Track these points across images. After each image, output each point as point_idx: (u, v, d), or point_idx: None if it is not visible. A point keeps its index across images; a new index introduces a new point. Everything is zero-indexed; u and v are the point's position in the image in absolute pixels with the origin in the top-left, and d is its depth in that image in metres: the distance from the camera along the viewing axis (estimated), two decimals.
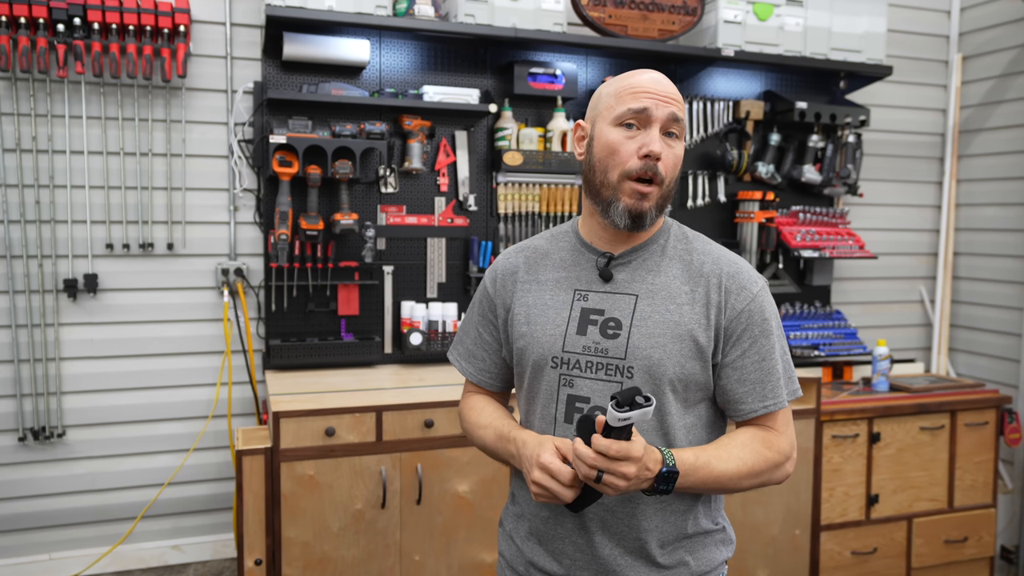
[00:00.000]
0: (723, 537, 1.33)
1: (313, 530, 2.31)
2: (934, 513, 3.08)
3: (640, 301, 1.24)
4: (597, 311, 1.26)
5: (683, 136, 1.24)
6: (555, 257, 1.34)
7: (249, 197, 2.87)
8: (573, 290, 1.29)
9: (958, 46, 3.76)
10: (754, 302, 1.24)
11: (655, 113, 1.20)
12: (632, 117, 1.21)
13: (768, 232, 3.28)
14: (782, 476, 1.26)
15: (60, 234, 2.70)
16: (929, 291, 3.86)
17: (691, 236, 1.31)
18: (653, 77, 1.24)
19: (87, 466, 2.79)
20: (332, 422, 2.31)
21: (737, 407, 1.25)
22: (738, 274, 1.25)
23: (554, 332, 1.27)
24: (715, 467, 1.19)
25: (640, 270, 1.27)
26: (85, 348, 2.76)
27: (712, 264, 1.26)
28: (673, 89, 1.24)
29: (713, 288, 1.24)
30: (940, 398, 3.10)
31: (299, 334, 2.86)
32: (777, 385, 1.24)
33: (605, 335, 1.24)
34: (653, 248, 1.28)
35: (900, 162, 3.75)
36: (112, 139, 2.72)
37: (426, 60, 2.96)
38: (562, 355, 1.26)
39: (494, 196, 3.03)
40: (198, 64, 2.79)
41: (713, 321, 1.23)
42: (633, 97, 1.21)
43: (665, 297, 1.24)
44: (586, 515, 1.24)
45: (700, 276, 1.25)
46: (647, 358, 1.21)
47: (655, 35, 3.03)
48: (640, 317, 1.23)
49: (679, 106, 1.23)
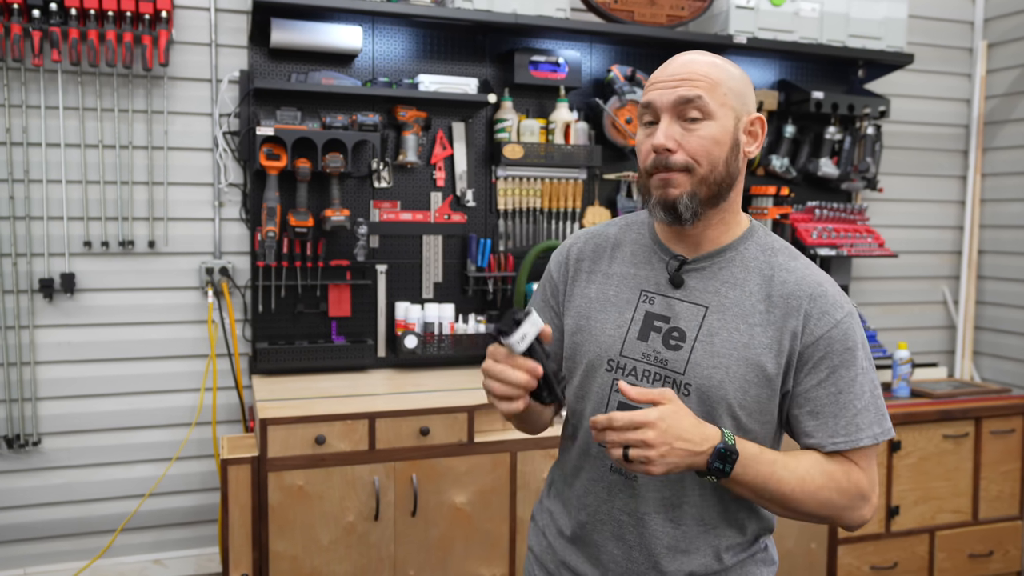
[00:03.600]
0: (765, 558, 1.31)
1: (302, 543, 2.31)
2: (958, 526, 3.08)
3: (710, 314, 1.21)
4: (662, 317, 1.23)
5: (714, 114, 1.18)
6: (626, 250, 1.31)
7: (235, 192, 2.87)
8: (640, 290, 1.27)
9: (983, 33, 3.76)
10: (837, 328, 1.18)
11: (659, 103, 1.20)
12: (646, 115, 1.22)
13: (783, 229, 3.28)
14: (857, 519, 1.21)
15: (35, 231, 2.70)
16: (952, 291, 3.86)
17: (777, 248, 1.26)
18: (672, 62, 1.23)
19: (64, 476, 2.79)
20: (322, 429, 2.31)
21: (806, 440, 1.21)
22: (822, 296, 1.20)
23: (614, 333, 1.26)
24: (779, 469, 1.15)
25: (714, 280, 1.23)
26: (62, 351, 2.76)
27: (794, 284, 1.21)
28: (693, 66, 1.20)
29: (792, 311, 1.19)
30: (964, 404, 3.09)
31: (287, 337, 2.86)
32: (852, 422, 1.18)
33: (667, 345, 1.22)
34: (731, 256, 1.24)
35: (922, 155, 3.75)
36: (90, 131, 2.72)
37: (422, 48, 2.96)
38: (619, 359, 1.24)
39: (493, 191, 3.03)
40: (181, 52, 2.79)
41: (787, 347, 1.18)
42: (646, 92, 1.24)
43: (737, 314, 1.20)
44: (624, 528, 1.26)
45: (780, 296, 1.20)
46: (708, 378, 1.18)
47: (663, 21, 3.03)
48: (707, 332, 1.20)
49: (695, 83, 1.18)
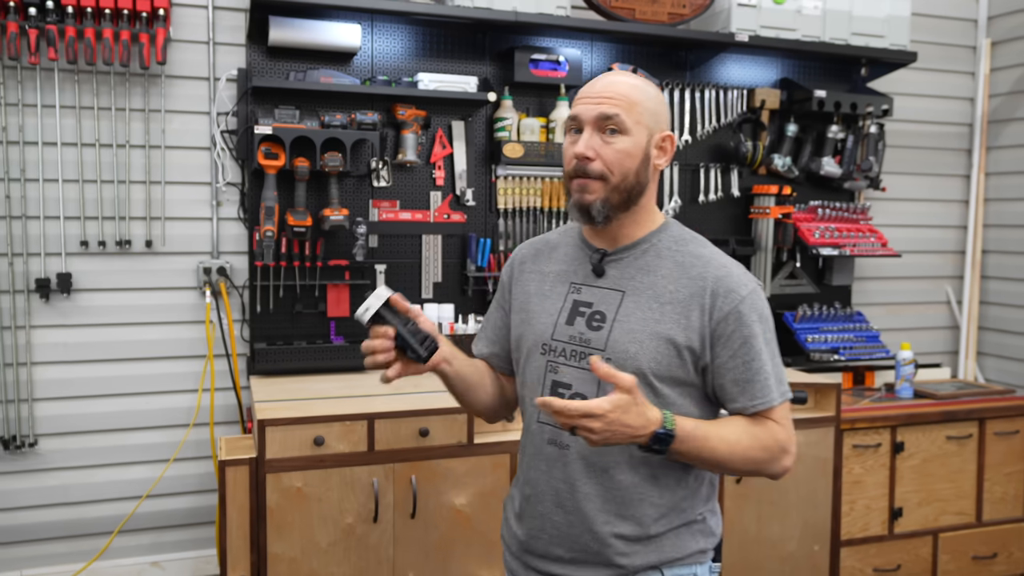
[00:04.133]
0: (702, 528, 1.43)
1: (301, 546, 2.31)
2: (961, 528, 3.08)
3: (626, 298, 1.39)
4: (586, 304, 1.42)
5: (629, 130, 1.35)
6: (561, 251, 1.50)
7: (233, 191, 2.87)
8: (569, 283, 1.46)
9: (987, 30, 3.76)
10: (743, 304, 1.35)
11: (584, 116, 1.37)
12: (571, 125, 1.40)
13: (785, 228, 3.28)
14: (780, 469, 1.37)
15: (32, 231, 2.70)
16: (956, 291, 3.85)
17: (688, 238, 1.44)
18: (601, 83, 1.39)
19: (60, 477, 2.79)
20: (321, 431, 2.31)
21: (732, 405, 1.38)
22: (727, 276, 1.36)
23: (547, 320, 1.44)
24: (712, 440, 1.31)
25: (631, 268, 1.41)
26: (58, 352, 2.75)
27: (702, 266, 1.38)
28: (614, 89, 1.37)
29: (700, 291, 1.36)
30: (968, 405, 3.10)
31: (286, 337, 2.86)
32: (766, 385, 1.35)
33: (590, 327, 1.39)
34: (646, 247, 1.42)
35: (925, 154, 3.75)
36: (87, 130, 2.72)
37: (421, 46, 2.96)
38: (550, 342, 1.42)
39: (493, 190, 3.03)
40: (178, 50, 2.79)
41: (696, 323, 1.35)
42: (573, 107, 1.40)
43: (650, 296, 1.37)
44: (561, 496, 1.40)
45: (689, 278, 1.37)
46: (623, 351, 1.35)
47: (664, 19, 3.03)
48: (624, 312, 1.38)
49: (615, 102, 1.35)
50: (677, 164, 3.24)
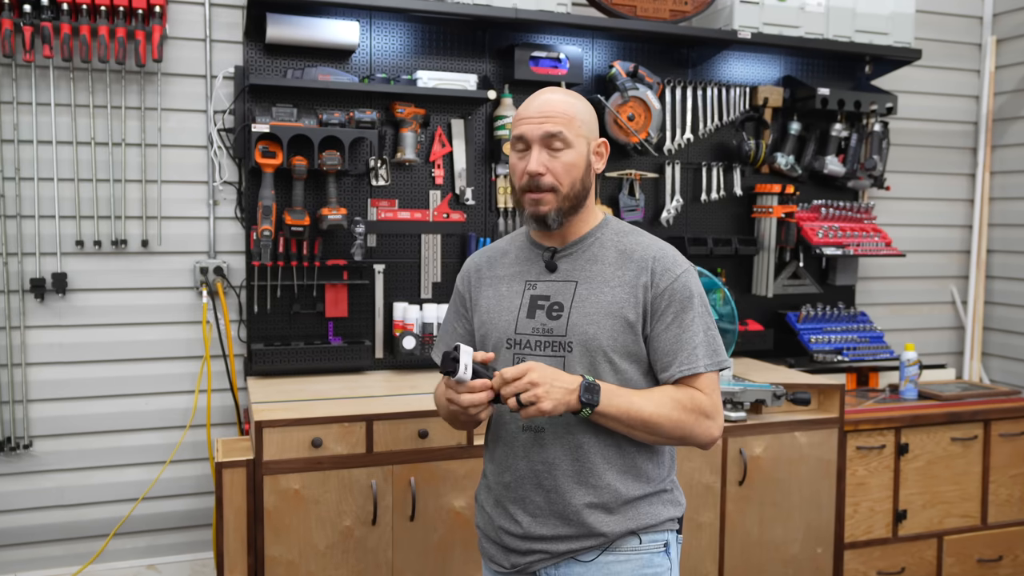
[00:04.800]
0: (671, 499, 1.59)
1: (298, 548, 2.31)
2: (966, 530, 3.08)
3: (579, 286, 1.55)
4: (544, 297, 1.58)
5: (571, 143, 1.52)
6: (512, 255, 1.67)
7: (230, 190, 2.87)
8: (524, 281, 1.61)
9: (992, 28, 3.76)
10: (677, 281, 1.52)
11: (530, 136, 1.53)
12: (518, 144, 1.55)
13: (788, 228, 3.28)
14: (706, 434, 1.51)
15: (26, 230, 2.70)
16: (961, 291, 3.85)
17: (627, 230, 1.62)
18: (539, 101, 1.55)
19: (56, 479, 2.79)
20: (319, 432, 2.31)
21: (663, 374, 1.54)
22: (663, 257, 1.55)
23: (508, 318, 1.59)
24: (635, 399, 1.46)
25: (580, 260, 1.58)
26: (53, 353, 2.75)
27: (642, 250, 1.56)
28: (554, 105, 1.53)
29: (642, 270, 1.53)
30: (973, 406, 3.09)
31: (283, 338, 2.86)
32: (694, 353, 1.51)
33: (550, 317, 1.55)
34: (591, 241, 1.59)
35: (930, 153, 3.75)
36: (82, 128, 2.72)
37: (420, 43, 2.96)
38: (515, 336, 1.57)
39: (493, 189, 3.03)
40: (175, 47, 2.79)
41: (641, 298, 1.52)
42: (516, 126, 1.56)
43: (600, 281, 1.54)
44: (540, 476, 1.54)
45: (631, 261, 1.55)
46: (584, 333, 1.52)
47: (666, 16, 3.03)
48: (579, 299, 1.54)
49: (556, 120, 1.51)
50: (679, 163, 3.24)
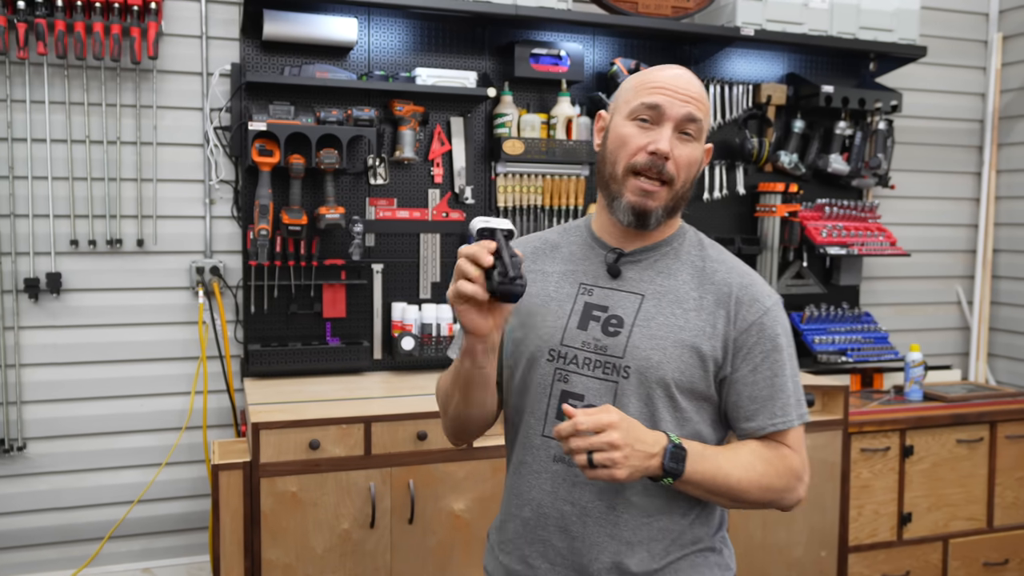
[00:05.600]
0: (719, 561, 1.35)
1: (296, 552, 2.31)
2: (972, 533, 3.08)
3: (646, 301, 1.31)
4: (600, 307, 1.32)
5: (701, 137, 1.31)
6: (564, 250, 1.41)
7: (226, 189, 2.87)
8: (578, 283, 1.35)
9: (998, 24, 3.76)
10: (767, 315, 1.30)
11: (669, 111, 1.27)
12: (645, 112, 1.28)
13: (791, 227, 3.28)
14: (794, 499, 1.31)
15: (20, 229, 2.70)
16: (966, 291, 3.85)
17: (707, 244, 1.39)
18: (675, 73, 1.31)
19: (50, 482, 2.79)
20: (316, 434, 2.31)
21: (746, 424, 1.31)
22: (751, 286, 1.32)
23: (554, 324, 1.33)
24: (723, 463, 1.23)
25: (650, 270, 1.33)
26: (48, 353, 2.75)
27: (725, 273, 1.33)
28: (695, 88, 1.30)
29: (724, 297, 1.30)
30: (978, 408, 3.09)
31: (280, 338, 2.86)
32: (788, 403, 1.30)
33: (606, 332, 1.30)
34: (666, 250, 1.35)
35: (935, 151, 3.75)
36: (77, 126, 2.72)
37: (419, 40, 2.96)
38: (560, 348, 1.32)
39: (493, 188, 3.03)
40: (171, 44, 2.79)
41: (721, 331, 1.29)
42: (649, 92, 1.29)
43: (672, 301, 1.30)
44: (567, 519, 1.29)
45: (711, 284, 1.31)
46: (646, 360, 1.27)
47: (668, 13, 3.03)
48: (644, 317, 1.29)
49: (699, 106, 1.29)
50: None
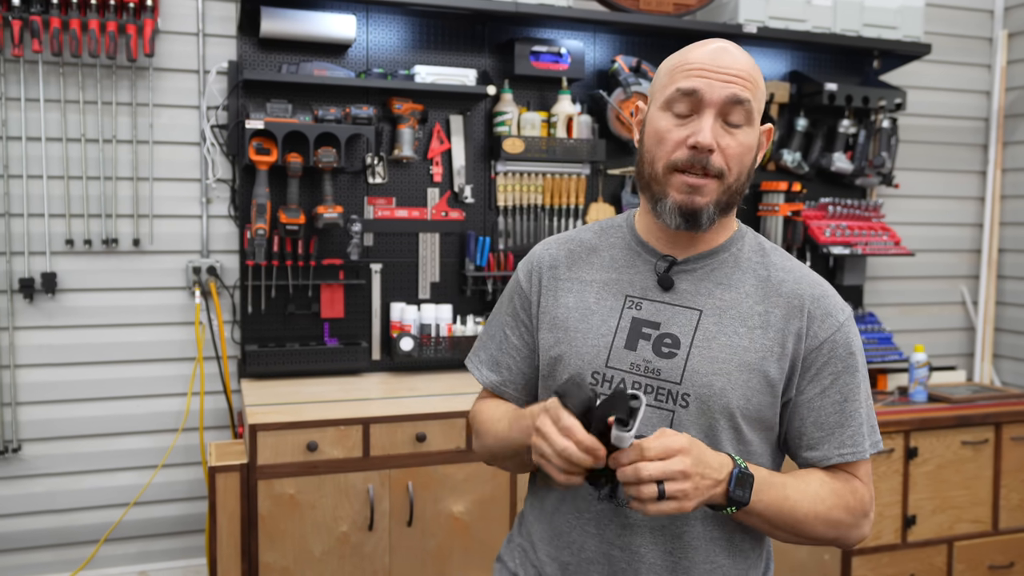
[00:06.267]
0: None
1: (293, 554, 2.31)
2: (977, 536, 3.08)
3: (704, 318, 1.16)
4: (651, 324, 1.17)
5: (753, 120, 1.14)
6: (604, 255, 1.25)
7: (223, 188, 2.87)
8: (624, 296, 1.20)
9: (1003, 21, 3.76)
10: (840, 332, 1.17)
11: (708, 95, 1.12)
12: (681, 99, 1.13)
13: (794, 227, 3.28)
14: (858, 538, 1.19)
15: (15, 229, 2.70)
16: (971, 291, 3.85)
17: (768, 248, 1.24)
18: (714, 48, 1.15)
19: (45, 484, 2.79)
20: (314, 436, 2.31)
21: (809, 453, 1.18)
22: (824, 297, 1.18)
23: (598, 343, 1.18)
24: (790, 493, 1.11)
25: (707, 281, 1.19)
26: (43, 354, 2.75)
27: (793, 283, 1.18)
28: (741, 63, 1.14)
29: (794, 312, 1.16)
30: (984, 409, 3.09)
31: (278, 339, 2.86)
32: (859, 432, 1.17)
33: (659, 353, 1.15)
34: (724, 257, 1.20)
35: (939, 149, 3.74)
36: (72, 124, 2.72)
37: (418, 37, 2.96)
38: (605, 371, 1.17)
39: (493, 187, 3.03)
40: (167, 42, 2.79)
41: (791, 350, 1.15)
42: (685, 76, 1.14)
43: (735, 317, 1.16)
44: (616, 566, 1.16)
45: (779, 296, 1.17)
46: (707, 386, 1.13)
47: (670, 10, 3.03)
48: (703, 337, 1.15)
49: (745, 84, 1.13)
50: None
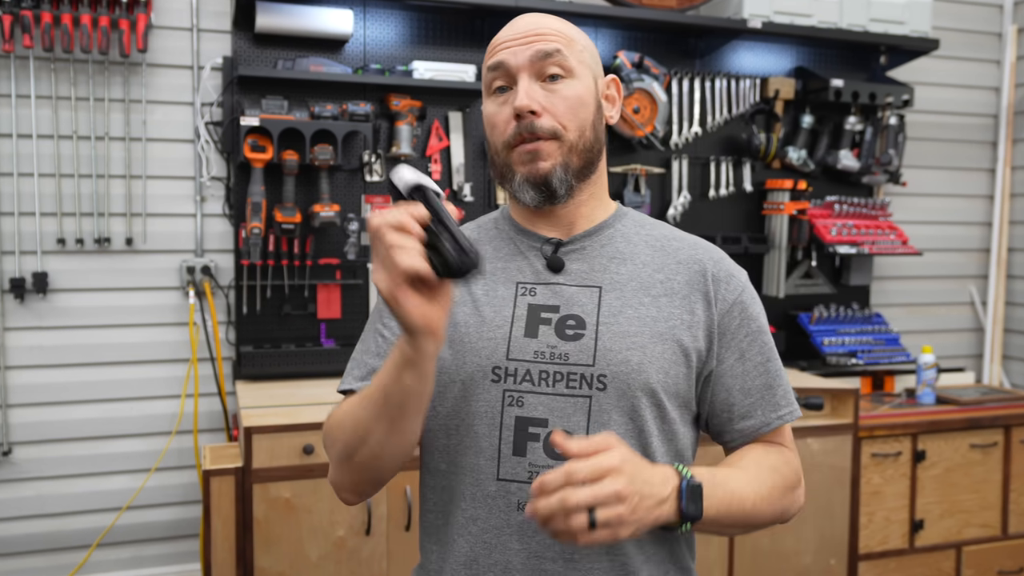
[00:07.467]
0: None
1: (289, 559, 2.30)
2: (986, 541, 3.07)
3: (605, 293, 1.11)
4: (550, 307, 1.11)
5: (575, 71, 1.10)
6: (486, 247, 1.19)
7: (218, 186, 2.87)
8: (515, 283, 1.14)
9: (1013, 16, 3.75)
10: (745, 292, 1.15)
11: (513, 61, 1.09)
12: (496, 79, 1.11)
13: (800, 225, 3.27)
14: (796, 510, 1.16)
15: (5, 227, 2.70)
16: (980, 291, 3.85)
17: (649, 222, 1.21)
18: (513, 21, 1.13)
19: (36, 488, 2.79)
20: (311, 438, 2.31)
21: (743, 424, 1.14)
22: (722, 260, 1.17)
23: (494, 335, 1.11)
24: (734, 485, 1.04)
25: (600, 257, 1.14)
26: (34, 355, 2.75)
27: (689, 249, 1.16)
28: (543, 22, 1.11)
29: (696, 276, 1.13)
30: (993, 412, 3.09)
31: (274, 340, 2.86)
32: (787, 394, 1.15)
33: (564, 336, 1.09)
34: (610, 232, 1.17)
35: (948, 147, 3.74)
36: (64, 121, 2.71)
37: (416, 33, 2.96)
38: (506, 364, 1.09)
39: (492, 185, 3.03)
40: (160, 37, 2.79)
41: (702, 316, 1.12)
42: (491, 55, 1.12)
43: (637, 288, 1.12)
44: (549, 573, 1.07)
45: (677, 263, 1.15)
46: (624, 363, 1.07)
47: (673, 4, 3.03)
48: (608, 312, 1.10)
49: (549, 38, 1.09)
50: (687, 157, 3.24)
